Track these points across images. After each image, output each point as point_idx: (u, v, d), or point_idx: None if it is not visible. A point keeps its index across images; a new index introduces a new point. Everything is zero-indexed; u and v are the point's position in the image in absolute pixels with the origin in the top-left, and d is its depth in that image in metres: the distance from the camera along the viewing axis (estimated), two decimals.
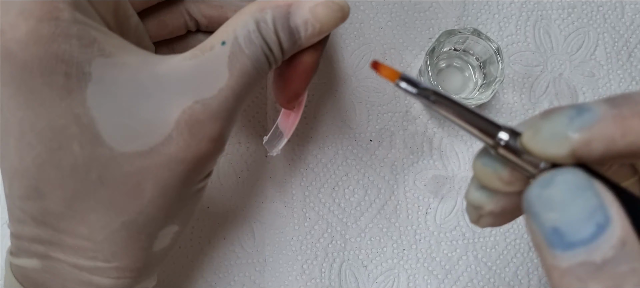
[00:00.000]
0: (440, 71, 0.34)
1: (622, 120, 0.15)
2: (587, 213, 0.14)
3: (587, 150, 0.15)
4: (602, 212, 0.14)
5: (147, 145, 0.20)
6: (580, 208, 0.14)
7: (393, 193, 0.33)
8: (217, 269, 0.32)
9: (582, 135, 0.15)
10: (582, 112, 0.15)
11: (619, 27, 0.35)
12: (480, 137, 0.17)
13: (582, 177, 0.15)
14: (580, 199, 0.15)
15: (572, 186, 0.15)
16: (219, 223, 0.33)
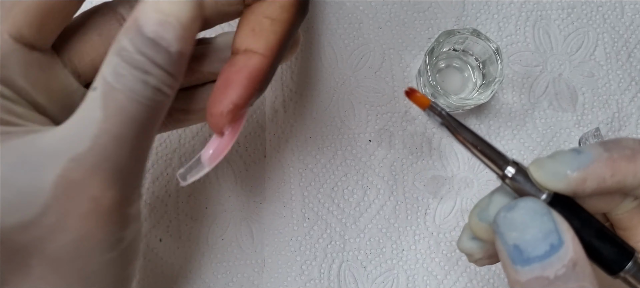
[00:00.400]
0: (440, 71, 0.34)
1: (612, 162, 0.18)
2: (543, 234, 0.17)
3: (582, 186, 0.18)
4: (556, 234, 0.17)
5: (26, 218, 0.17)
6: (537, 230, 0.18)
7: (392, 193, 0.33)
8: (215, 270, 0.32)
9: (578, 174, 0.18)
10: (580, 155, 0.19)
11: (618, 27, 0.35)
12: (492, 167, 0.20)
13: (541, 204, 0.18)
14: (538, 222, 0.18)
15: (531, 211, 0.18)
16: (217, 224, 0.33)
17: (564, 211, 0.19)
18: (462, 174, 0.34)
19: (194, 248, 0.32)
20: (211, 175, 0.33)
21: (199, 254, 0.32)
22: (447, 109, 0.32)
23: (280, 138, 0.33)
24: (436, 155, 0.34)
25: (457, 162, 0.34)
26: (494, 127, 0.34)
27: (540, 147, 0.34)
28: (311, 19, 0.34)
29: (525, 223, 0.18)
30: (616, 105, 0.34)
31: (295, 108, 0.34)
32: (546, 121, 0.34)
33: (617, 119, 0.34)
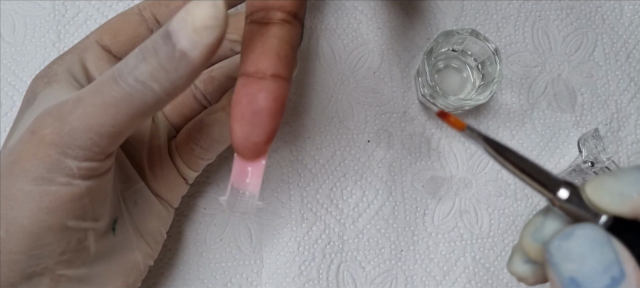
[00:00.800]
0: (438, 72, 0.34)
1: None
2: (604, 267, 0.16)
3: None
4: (618, 266, 0.16)
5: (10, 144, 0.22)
6: (597, 261, 0.16)
7: (391, 194, 0.33)
8: (214, 270, 0.32)
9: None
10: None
11: (617, 27, 0.35)
12: (541, 190, 0.18)
13: (600, 232, 0.16)
14: (598, 253, 0.16)
15: (590, 240, 0.16)
16: (216, 224, 0.33)
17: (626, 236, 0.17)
18: (460, 175, 0.34)
19: (192, 249, 0.32)
20: (210, 176, 0.33)
21: (198, 255, 0.32)
22: (447, 110, 0.32)
23: (278, 138, 0.33)
24: (435, 155, 0.34)
25: (455, 162, 0.34)
26: (492, 127, 0.34)
27: (539, 148, 0.34)
28: (310, 19, 0.34)
29: (583, 254, 0.16)
30: (615, 105, 0.34)
31: (294, 108, 0.34)
32: (545, 122, 0.34)
33: (616, 119, 0.34)
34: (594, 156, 0.32)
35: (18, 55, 0.33)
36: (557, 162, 0.34)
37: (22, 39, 0.33)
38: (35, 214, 0.21)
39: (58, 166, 0.21)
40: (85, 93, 0.21)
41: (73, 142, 0.21)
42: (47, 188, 0.21)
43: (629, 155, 0.34)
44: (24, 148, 0.21)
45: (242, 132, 0.20)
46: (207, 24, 0.19)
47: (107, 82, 0.20)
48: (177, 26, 0.19)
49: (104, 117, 0.20)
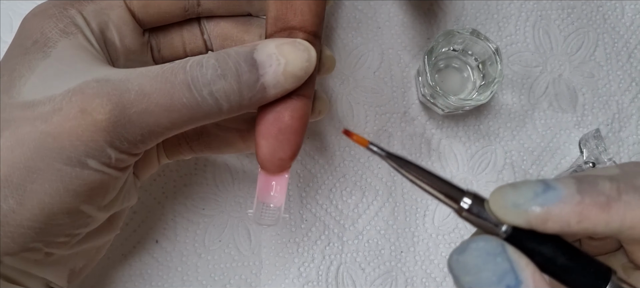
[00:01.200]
0: (439, 71, 0.33)
1: (582, 208, 0.17)
2: (498, 277, 0.16)
3: (543, 225, 0.17)
4: (513, 274, 0.16)
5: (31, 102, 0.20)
6: (491, 272, 0.16)
7: (391, 195, 0.33)
8: (212, 271, 0.32)
9: (540, 213, 0.17)
10: (547, 190, 0.17)
11: (618, 27, 0.35)
12: (446, 202, 0.18)
13: (494, 244, 0.17)
14: (491, 264, 0.17)
15: (484, 252, 0.17)
16: (215, 225, 0.32)
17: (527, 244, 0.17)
18: (461, 175, 0.33)
19: (191, 250, 0.32)
20: (208, 177, 0.33)
21: (196, 256, 0.32)
22: (446, 110, 0.32)
23: None
24: (435, 156, 0.33)
25: (456, 163, 0.33)
26: (493, 127, 0.34)
27: (540, 148, 0.34)
28: None
29: (478, 266, 0.17)
30: (616, 106, 0.34)
31: None
32: (546, 122, 0.34)
33: (618, 119, 0.34)
34: (595, 157, 0.31)
35: None
36: (558, 162, 0.34)
37: None
38: (59, 194, 0.20)
39: (100, 153, 0.20)
40: (150, 87, 0.20)
41: (124, 134, 0.20)
42: (80, 171, 0.20)
43: (630, 155, 0.34)
44: (68, 125, 0.19)
45: (268, 148, 0.21)
46: (298, 74, 0.20)
47: (178, 86, 0.20)
48: (266, 60, 0.20)
49: (164, 119, 0.20)
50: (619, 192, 0.17)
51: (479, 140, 0.34)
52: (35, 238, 0.21)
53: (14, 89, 0.21)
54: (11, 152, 0.20)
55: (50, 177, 0.20)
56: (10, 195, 0.20)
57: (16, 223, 0.20)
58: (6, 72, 0.21)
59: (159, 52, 0.26)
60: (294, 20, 0.21)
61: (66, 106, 0.20)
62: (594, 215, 0.17)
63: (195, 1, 0.25)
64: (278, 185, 0.22)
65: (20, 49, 0.22)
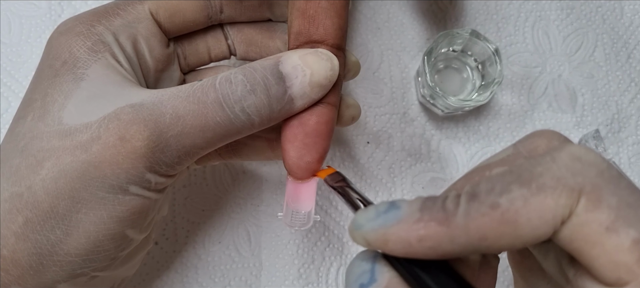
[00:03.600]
0: (438, 72, 0.33)
1: (420, 226, 0.16)
2: (356, 276, 0.18)
3: (384, 246, 0.17)
4: (370, 274, 0.17)
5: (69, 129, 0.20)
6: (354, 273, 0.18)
7: (391, 196, 0.33)
8: (212, 273, 0.32)
9: (376, 234, 0.17)
10: (390, 210, 0.17)
11: (618, 28, 0.35)
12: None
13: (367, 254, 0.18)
14: (356, 266, 0.18)
15: (357, 259, 0.18)
16: (214, 227, 0.32)
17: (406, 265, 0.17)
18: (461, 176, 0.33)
19: (190, 252, 0.32)
20: (208, 177, 0.33)
21: (196, 257, 0.32)
22: (446, 111, 0.32)
23: None
24: (435, 157, 0.33)
25: (456, 164, 0.33)
26: (493, 128, 0.34)
27: None
28: None
29: (349, 269, 0.19)
30: (616, 106, 0.34)
31: None
32: (546, 122, 0.34)
33: (617, 120, 0.34)
34: None
35: (14, 55, 0.33)
36: None
37: (18, 39, 0.33)
38: (103, 221, 0.20)
39: (140, 179, 0.20)
40: (184, 109, 0.20)
41: (162, 158, 0.20)
42: (122, 198, 0.20)
43: (629, 156, 0.34)
44: (108, 153, 0.19)
45: (295, 152, 0.22)
46: (323, 83, 0.21)
47: (211, 105, 0.20)
48: (292, 72, 0.21)
49: (200, 140, 0.20)
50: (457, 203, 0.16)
51: (479, 140, 0.34)
52: (82, 265, 0.21)
53: (48, 115, 0.20)
54: (55, 183, 0.20)
55: (94, 205, 0.20)
56: (56, 226, 0.20)
57: (64, 252, 0.20)
58: (39, 96, 0.21)
59: (185, 59, 0.26)
60: (316, 34, 0.22)
61: (104, 134, 0.20)
62: (434, 232, 0.16)
63: (217, 8, 0.25)
64: (307, 192, 0.23)
65: (51, 71, 0.21)
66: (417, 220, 0.16)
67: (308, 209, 0.23)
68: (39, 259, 0.20)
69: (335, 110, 0.23)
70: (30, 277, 0.20)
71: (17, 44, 0.33)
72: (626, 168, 0.34)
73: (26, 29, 0.33)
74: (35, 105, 0.21)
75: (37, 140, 0.20)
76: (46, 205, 0.20)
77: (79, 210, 0.20)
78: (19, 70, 0.33)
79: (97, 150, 0.19)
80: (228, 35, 0.26)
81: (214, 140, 0.21)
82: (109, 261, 0.21)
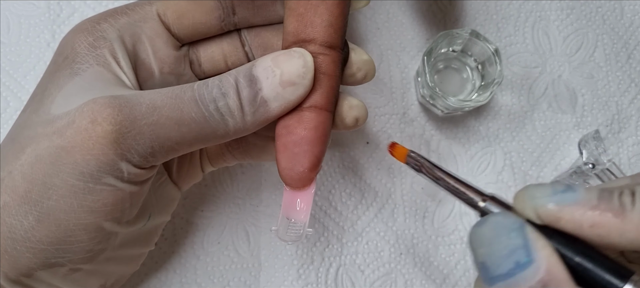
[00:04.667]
0: (438, 72, 0.33)
1: (595, 212, 0.17)
2: (508, 251, 0.16)
3: (556, 223, 0.17)
4: (525, 251, 0.16)
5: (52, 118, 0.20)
6: (503, 246, 0.17)
7: (390, 196, 0.33)
8: (211, 274, 0.32)
9: (552, 209, 0.17)
10: (567, 191, 0.17)
11: (618, 28, 0.35)
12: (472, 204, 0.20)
13: (512, 219, 0.17)
14: (504, 238, 0.17)
15: (499, 226, 0.17)
16: (213, 227, 0.32)
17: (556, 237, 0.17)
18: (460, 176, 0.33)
19: (189, 252, 0.32)
20: (207, 178, 0.33)
21: (195, 258, 0.32)
22: (446, 111, 0.32)
23: None
24: (435, 157, 0.33)
25: (455, 164, 0.33)
26: (493, 128, 0.34)
27: (540, 150, 0.34)
28: None
29: (491, 239, 0.17)
30: (616, 107, 0.34)
31: None
32: (545, 123, 0.34)
33: (617, 120, 0.34)
34: (594, 158, 0.31)
35: (12, 55, 0.33)
36: (558, 163, 0.34)
37: (17, 38, 0.33)
38: (74, 210, 0.20)
39: (111, 167, 0.20)
40: (161, 101, 0.20)
41: (135, 146, 0.20)
42: (93, 187, 0.20)
43: (629, 156, 0.34)
44: (79, 138, 0.19)
45: (286, 162, 0.21)
46: (294, 80, 0.20)
47: (187, 100, 0.20)
48: (262, 74, 0.20)
49: (174, 133, 0.20)
50: (633, 200, 0.17)
51: (479, 141, 0.34)
52: (55, 254, 0.21)
53: (42, 107, 0.21)
54: (31, 168, 0.20)
55: (65, 193, 0.20)
56: (29, 211, 0.20)
57: (36, 239, 0.20)
58: (40, 90, 0.22)
59: (200, 66, 0.26)
60: (303, 33, 0.21)
61: (78, 118, 0.20)
62: (607, 221, 0.16)
63: (229, 9, 0.24)
64: (303, 201, 0.22)
65: (54, 66, 0.22)
66: (594, 207, 0.17)
67: (304, 220, 0.22)
68: (13, 244, 0.20)
69: (327, 114, 0.22)
70: (6, 261, 0.20)
71: (16, 43, 0.33)
72: (626, 169, 0.34)
73: (25, 29, 0.33)
74: (35, 99, 0.22)
75: (26, 129, 0.21)
76: (22, 190, 0.20)
77: (50, 196, 0.20)
78: (18, 70, 0.33)
79: (69, 135, 0.20)
80: (245, 41, 0.25)
81: (189, 137, 0.21)
82: (85, 253, 0.21)
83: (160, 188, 0.26)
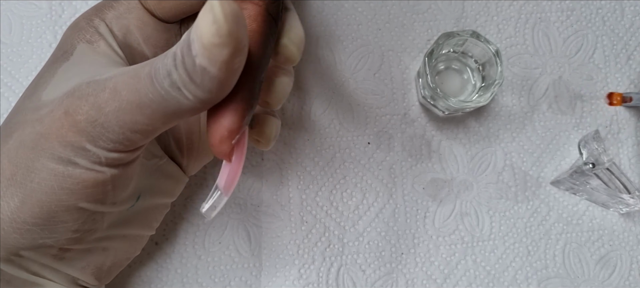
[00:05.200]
0: (439, 73, 0.33)
1: None
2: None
3: None
4: None
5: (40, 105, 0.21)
6: None
7: (391, 196, 0.33)
8: (212, 274, 0.32)
9: None
10: None
11: (618, 29, 0.35)
12: None
13: None
14: None
15: None
16: (214, 227, 0.32)
17: None
18: (461, 177, 0.33)
19: (190, 252, 0.32)
20: (208, 178, 0.33)
21: (196, 258, 0.32)
22: (447, 112, 0.32)
23: (278, 140, 0.33)
24: (435, 157, 0.33)
25: (456, 164, 0.33)
26: (493, 129, 0.34)
27: (540, 150, 0.34)
28: (309, 20, 0.34)
29: None
30: (615, 108, 0.34)
31: (293, 110, 0.33)
32: (545, 124, 0.34)
33: (617, 121, 0.34)
34: (594, 158, 0.31)
35: (14, 56, 0.33)
36: (558, 164, 0.34)
37: (19, 39, 0.33)
38: (54, 192, 0.21)
39: (86, 153, 0.20)
40: (122, 84, 0.20)
41: (105, 133, 0.20)
42: (72, 170, 0.21)
43: (629, 157, 0.34)
44: (54, 126, 0.20)
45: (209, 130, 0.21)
46: (213, 41, 0.17)
47: (144, 79, 0.19)
48: (194, 36, 0.18)
49: (139, 116, 0.20)
50: None
51: (479, 141, 0.34)
52: (41, 235, 0.21)
53: (35, 94, 0.22)
54: (16, 152, 0.21)
55: (46, 176, 0.21)
56: (15, 193, 0.21)
57: (21, 220, 0.21)
58: (36, 79, 0.23)
59: None
60: None
61: (56, 108, 0.21)
62: None
63: None
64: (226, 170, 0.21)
65: (53, 59, 0.24)
66: None
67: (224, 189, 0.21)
68: (2, 224, 0.21)
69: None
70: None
71: (18, 44, 0.33)
72: (626, 169, 0.34)
73: (27, 29, 0.33)
74: (31, 86, 0.23)
75: (18, 114, 0.22)
76: (8, 173, 0.21)
77: (33, 179, 0.21)
78: (20, 70, 0.33)
79: (47, 122, 0.21)
80: None
81: (155, 118, 0.20)
82: (72, 233, 0.22)
83: (157, 171, 0.26)
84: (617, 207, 0.32)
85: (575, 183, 0.32)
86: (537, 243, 0.33)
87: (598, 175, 0.32)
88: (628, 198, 0.31)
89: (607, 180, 0.32)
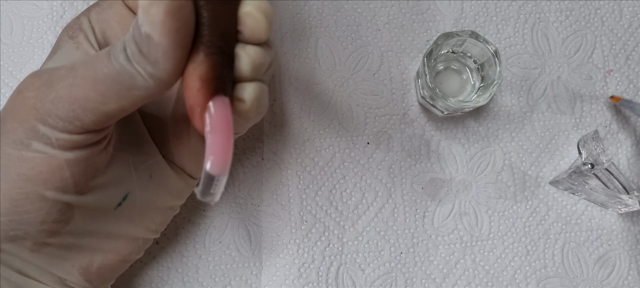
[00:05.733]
0: (438, 73, 0.33)
1: None
2: None
3: None
4: None
5: None
6: None
7: (390, 196, 0.33)
8: (213, 273, 0.32)
9: None
10: None
11: (616, 29, 0.35)
12: None
13: None
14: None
15: None
16: (215, 226, 0.33)
17: None
18: (460, 177, 0.33)
19: (191, 251, 0.32)
20: None
21: (197, 257, 0.32)
22: (446, 112, 0.32)
23: (278, 140, 0.33)
24: (435, 157, 0.34)
25: (455, 164, 0.34)
26: (492, 129, 0.34)
27: (539, 150, 0.34)
28: (309, 20, 0.34)
29: None
30: (614, 107, 0.34)
31: (293, 110, 0.33)
32: (544, 123, 0.34)
33: (616, 121, 0.34)
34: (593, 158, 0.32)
35: (16, 56, 0.33)
36: (557, 163, 0.34)
37: (20, 40, 0.33)
38: (13, 179, 0.21)
39: (35, 132, 0.20)
40: (79, 63, 0.20)
41: (54, 110, 0.20)
42: (25, 154, 0.20)
43: (628, 157, 0.34)
44: (8, 107, 0.21)
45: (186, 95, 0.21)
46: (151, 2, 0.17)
47: (101, 57, 0.20)
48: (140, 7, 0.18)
49: (92, 92, 0.19)
50: None
51: (478, 141, 0.34)
52: (10, 225, 0.21)
53: None
54: None
55: (5, 163, 0.21)
56: None
57: None
58: None
59: None
60: None
61: (15, 90, 0.21)
62: None
63: None
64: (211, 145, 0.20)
65: (46, 60, 0.25)
66: None
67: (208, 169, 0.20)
68: None
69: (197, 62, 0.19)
70: None
71: (19, 44, 0.33)
72: (625, 169, 0.34)
73: (28, 30, 0.33)
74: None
75: None
76: None
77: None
78: (21, 71, 0.33)
79: (7, 106, 0.21)
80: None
81: (110, 95, 0.19)
82: (40, 224, 0.22)
83: (149, 171, 0.26)
84: (616, 207, 0.32)
85: (574, 183, 0.32)
86: (536, 242, 0.33)
87: (597, 176, 0.32)
88: (627, 198, 0.31)
89: (606, 180, 0.32)
